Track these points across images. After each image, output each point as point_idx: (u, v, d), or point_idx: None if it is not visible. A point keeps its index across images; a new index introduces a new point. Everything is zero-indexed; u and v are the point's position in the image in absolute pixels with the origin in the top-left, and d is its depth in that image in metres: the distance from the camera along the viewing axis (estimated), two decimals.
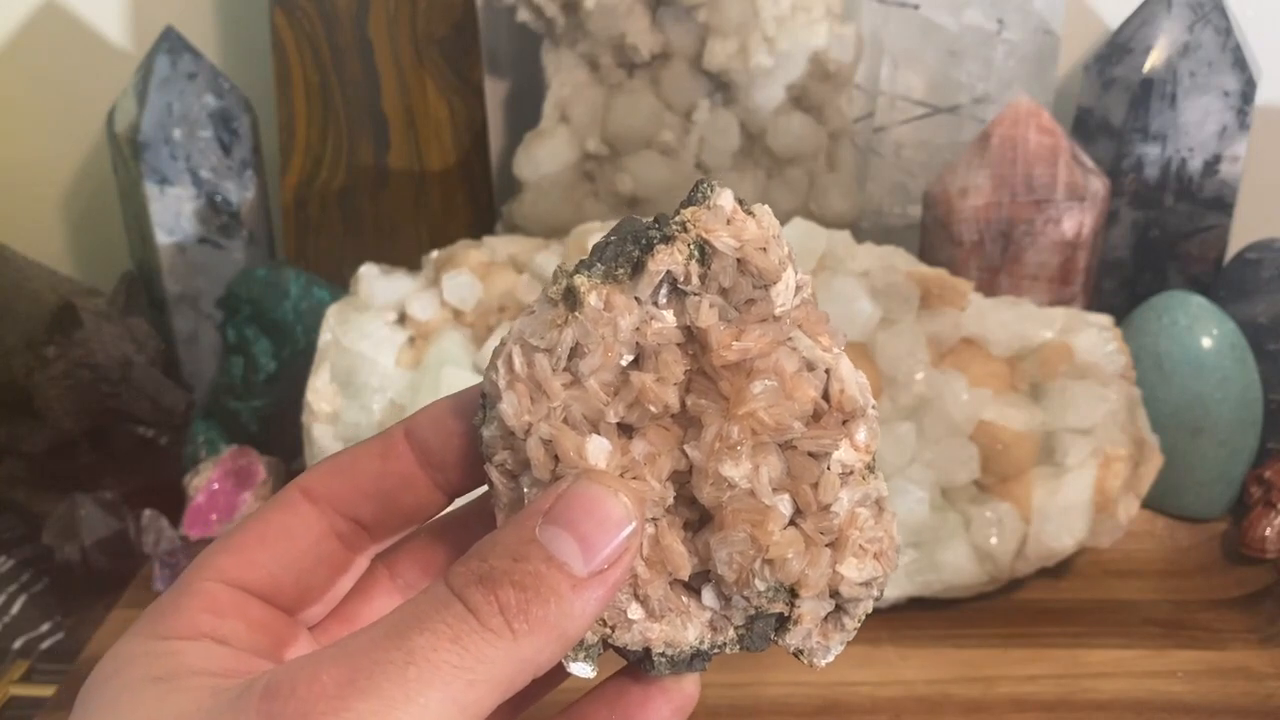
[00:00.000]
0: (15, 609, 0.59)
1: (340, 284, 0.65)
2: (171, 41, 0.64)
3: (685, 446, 0.26)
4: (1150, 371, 0.60)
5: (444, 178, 0.72)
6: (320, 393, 0.57)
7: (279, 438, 0.65)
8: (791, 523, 0.26)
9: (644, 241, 0.25)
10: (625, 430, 0.26)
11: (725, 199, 0.25)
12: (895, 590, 0.56)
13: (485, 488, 0.27)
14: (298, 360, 0.64)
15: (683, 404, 0.26)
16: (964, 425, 0.55)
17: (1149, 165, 0.67)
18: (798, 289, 0.26)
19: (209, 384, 0.69)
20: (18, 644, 0.57)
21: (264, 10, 0.70)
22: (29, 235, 0.72)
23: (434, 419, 0.28)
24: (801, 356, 0.26)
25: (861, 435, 0.26)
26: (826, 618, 0.27)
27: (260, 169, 0.68)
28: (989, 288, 0.62)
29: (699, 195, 0.26)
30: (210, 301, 0.68)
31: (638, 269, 0.25)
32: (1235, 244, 0.68)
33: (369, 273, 0.60)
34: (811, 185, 0.68)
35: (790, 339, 0.26)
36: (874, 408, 0.26)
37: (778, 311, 0.26)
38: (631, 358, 0.26)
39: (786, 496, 0.26)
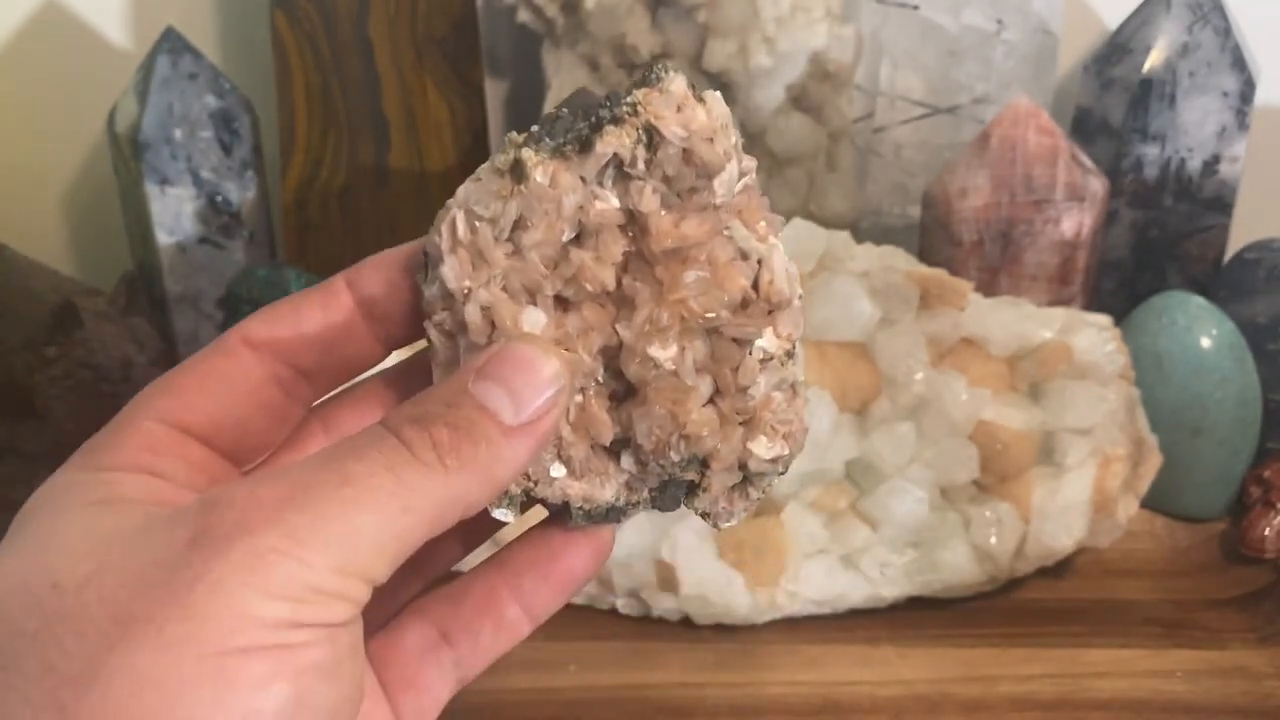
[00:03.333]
0: None
1: None
2: (172, 42, 0.65)
3: (617, 325, 0.27)
4: (1149, 371, 0.60)
5: (444, 178, 0.72)
6: None
7: None
8: (710, 401, 0.27)
9: (594, 119, 0.26)
10: (561, 304, 0.27)
11: (677, 84, 0.26)
12: (895, 590, 0.56)
13: (423, 343, 0.27)
14: None
15: (619, 283, 0.27)
16: (963, 425, 0.55)
17: (1148, 165, 0.67)
18: (741, 176, 0.27)
19: None
20: None
21: (264, 10, 0.70)
22: (29, 235, 0.72)
23: (379, 270, 0.28)
24: (737, 246, 0.27)
25: (785, 325, 0.27)
26: (734, 487, 0.28)
27: (261, 169, 0.68)
28: (988, 288, 0.62)
29: (653, 77, 0.26)
30: (211, 301, 0.68)
31: (585, 148, 0.26)
32: (1234, 244, 0.68)
33: None
34: (811, 185, 0.69)
35: (728, 229, 0.27)
36: (800, 298, 0.27)
37: (718, 201, 0.26)
38: (573, 235, 0.26)
39: (708, 378, 0.27)
